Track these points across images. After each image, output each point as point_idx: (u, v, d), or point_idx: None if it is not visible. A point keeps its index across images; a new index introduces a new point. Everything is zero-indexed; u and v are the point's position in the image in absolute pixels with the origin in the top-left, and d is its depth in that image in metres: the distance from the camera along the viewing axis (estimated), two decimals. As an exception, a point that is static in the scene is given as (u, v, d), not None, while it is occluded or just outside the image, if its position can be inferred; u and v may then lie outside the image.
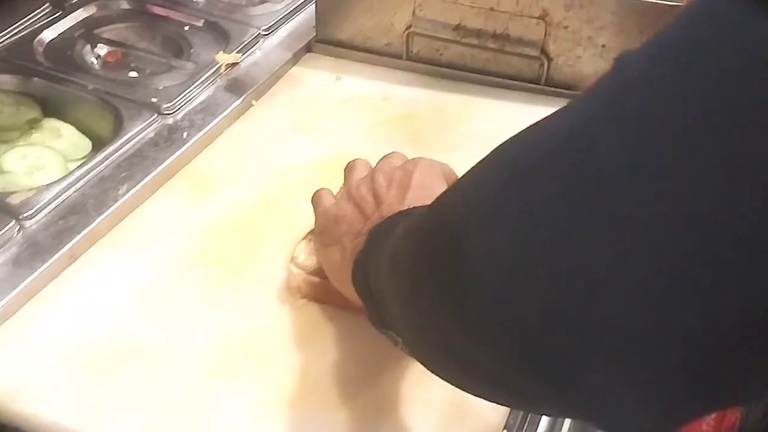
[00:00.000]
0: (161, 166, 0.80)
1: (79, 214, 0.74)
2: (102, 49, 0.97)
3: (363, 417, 0.60)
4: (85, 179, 0.77)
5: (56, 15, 0.99)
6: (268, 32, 0.99)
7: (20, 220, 0.72)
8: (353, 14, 0.96)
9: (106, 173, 0.78)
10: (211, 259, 0.72)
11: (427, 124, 0.89)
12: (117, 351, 0.64)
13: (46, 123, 0.88)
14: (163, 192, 0.79)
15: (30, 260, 0.69)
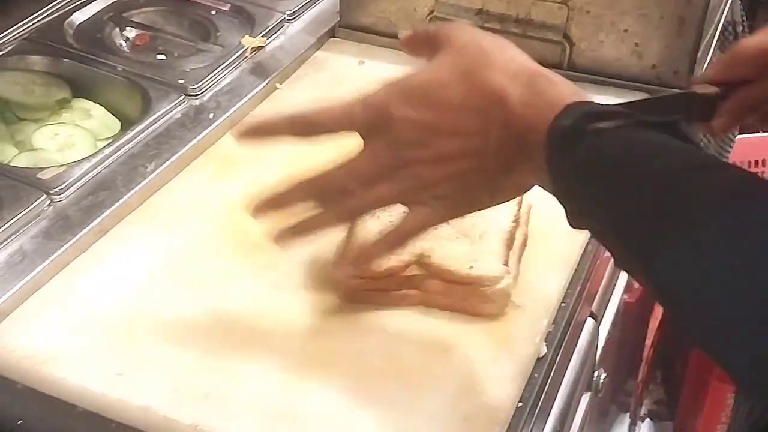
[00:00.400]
0: (188, 146, 0.82)
1: (109, 190, 0.76)
2: (131, 32, 0.99)
3: (379, 388, 0.61)
4: (114, 157, 0.79)
5: (86, -2, 1.01)
6: (292, 17, 1.01)
7: (51, 194, 0.74)
8: (377, -1, 0.98)
9: (135, 151, 0.80)
10: (235, 235, 0.73)
11: (448, 108, 0.90)
12: (143, 320, 0.65)
13: (76, 103, 0.90)
14: (189, 170, 0.81)
15: (60, 234, 0.71)
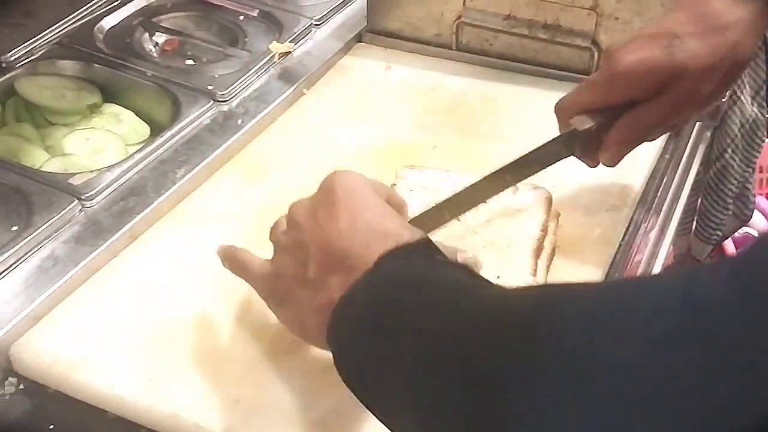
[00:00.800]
0: (217, 151, 0.82)
1: (139, 195, 0.77)
2: (160, 37, 1.00)
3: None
4: (144, 162, 0.80)
5: (115, 3, 1.02)
6: (320, 22, 1.01)
7: (82, 200, 0.75)
8: (404, 5, 0.98)
9: (165, 156, 0.81)
10: (264, 240, 0.73)
11: (475, 114, 0.90)
12: (174, 325, 0.66)
13: (106, 108, 0.91)
14: (218, 175, 0.82)
15: (92, 238, 0.72)
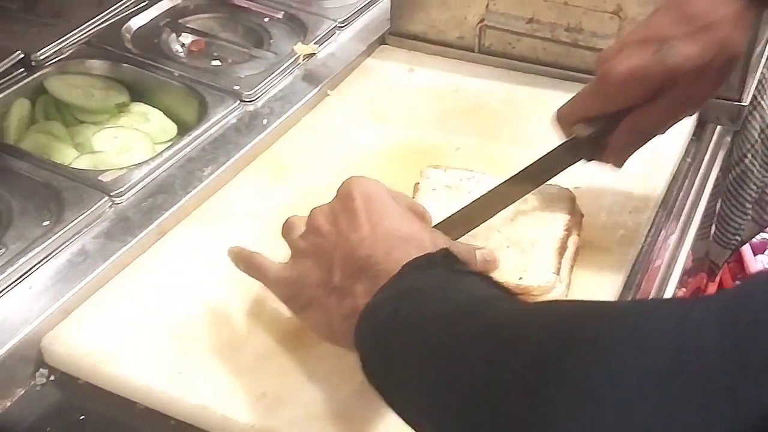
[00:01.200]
0: (243, 150, 0.84)
1: (167, 192, 0.78)
2: (187, 38, 1.01)
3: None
4: (172, 160, 0.81)
5: (143, 4, 1.04)
6: (343, 24, 1.03)
7: (112, 196, 0.77)
8: (427, 7, 0.99)
9: (192, 155, 0.82)
10: (290, 239, 0.75)
11: (497, 116, 0.91)
12: (202, 319, 0.67)
13: (134, 107, 0.93)
14: (244, 174, 0.83)
15: (121, 234, 0.74)
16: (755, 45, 0.89)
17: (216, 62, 0.99)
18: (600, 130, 0.69)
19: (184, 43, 1.01)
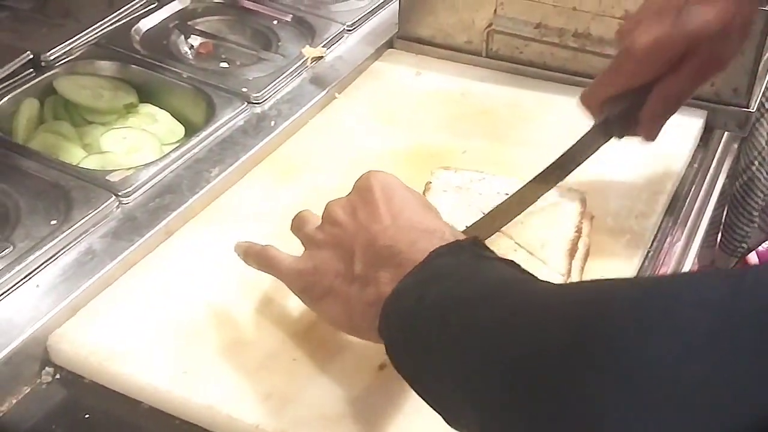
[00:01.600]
0: (250, 152, 0.84)
1: (175, 193, 0.78)
2: (195, 40, 1.02)
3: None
4: (180, 161, 0.81)
5: (152, 6, 1.04)
6: (352, 28, 1.03)
7: (120, 196, 0.77)
8: (435, 11, 0.99)
9: (200, 156, 0.82)
10: (296, 239, 0.75)
11: (504, 120, 0.91)
12: (208, 319, 0.67)
13: (142, 108, 0.93)
14: (251, 175, 0.83)
15: (128, 234, 0.74)
16: (763, 51, 0.89)
17: (224, 64, 1.00)
18: (629, 106, 0.68)
19: (192, 45, 1.02)
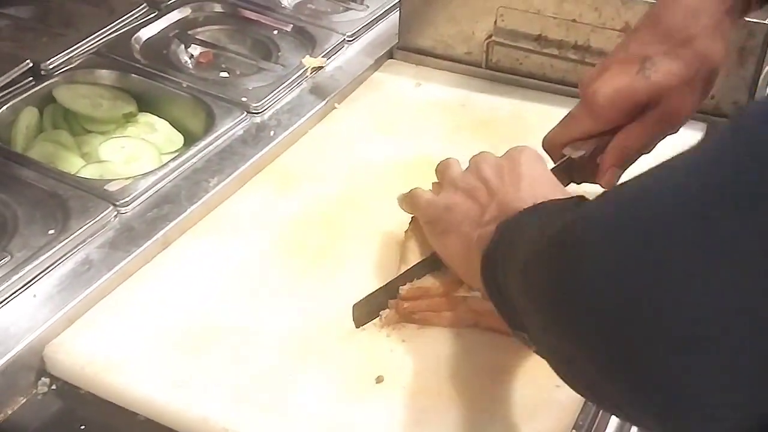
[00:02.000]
0: (249, 162, 0.84)
1: (173, 203, 0.78)
2: (195, 50, 1.02)
3: (434, 407, 0.62)
4: (178, 171, 0.81)
5: (152, 15, 1.04)
6: (352, 38, 1.03)
7: (117, 206, 0.77)
8: (436, 23, 0.99)
9: (199, 166, 0.82)
10: (294, 249, 0.75)
11: (504, 131, 0.91)
12: (205, 331, 0.67)
13: (142, 117, 0.93)
14: (250, 185, 0.83)
15: (126, 244, 0.74)
16: (763, 64, 0.89)
17: (224, 74, 1.00)
18: (590, 151, 0.71)
19: (192, 55, 1.01)
